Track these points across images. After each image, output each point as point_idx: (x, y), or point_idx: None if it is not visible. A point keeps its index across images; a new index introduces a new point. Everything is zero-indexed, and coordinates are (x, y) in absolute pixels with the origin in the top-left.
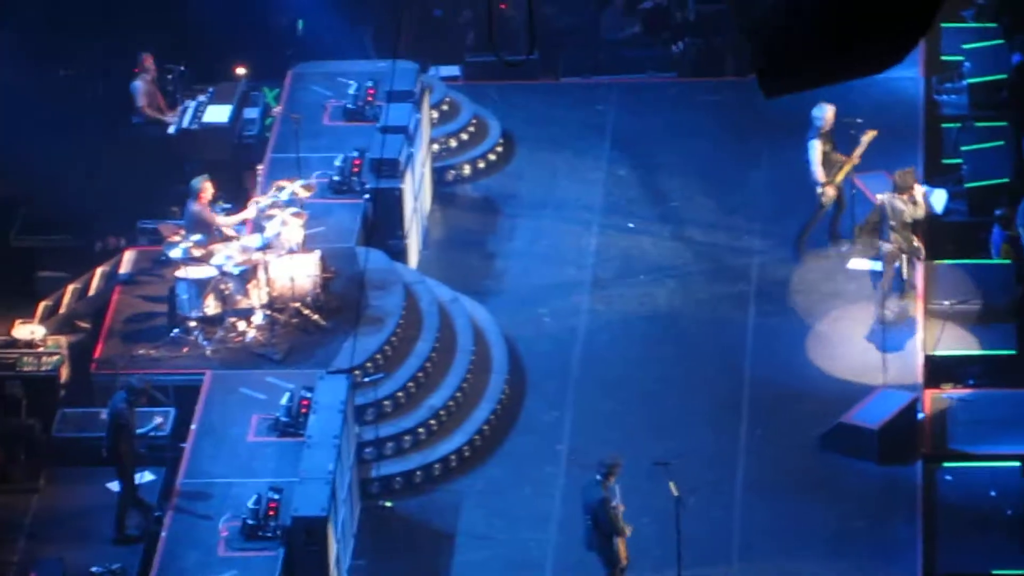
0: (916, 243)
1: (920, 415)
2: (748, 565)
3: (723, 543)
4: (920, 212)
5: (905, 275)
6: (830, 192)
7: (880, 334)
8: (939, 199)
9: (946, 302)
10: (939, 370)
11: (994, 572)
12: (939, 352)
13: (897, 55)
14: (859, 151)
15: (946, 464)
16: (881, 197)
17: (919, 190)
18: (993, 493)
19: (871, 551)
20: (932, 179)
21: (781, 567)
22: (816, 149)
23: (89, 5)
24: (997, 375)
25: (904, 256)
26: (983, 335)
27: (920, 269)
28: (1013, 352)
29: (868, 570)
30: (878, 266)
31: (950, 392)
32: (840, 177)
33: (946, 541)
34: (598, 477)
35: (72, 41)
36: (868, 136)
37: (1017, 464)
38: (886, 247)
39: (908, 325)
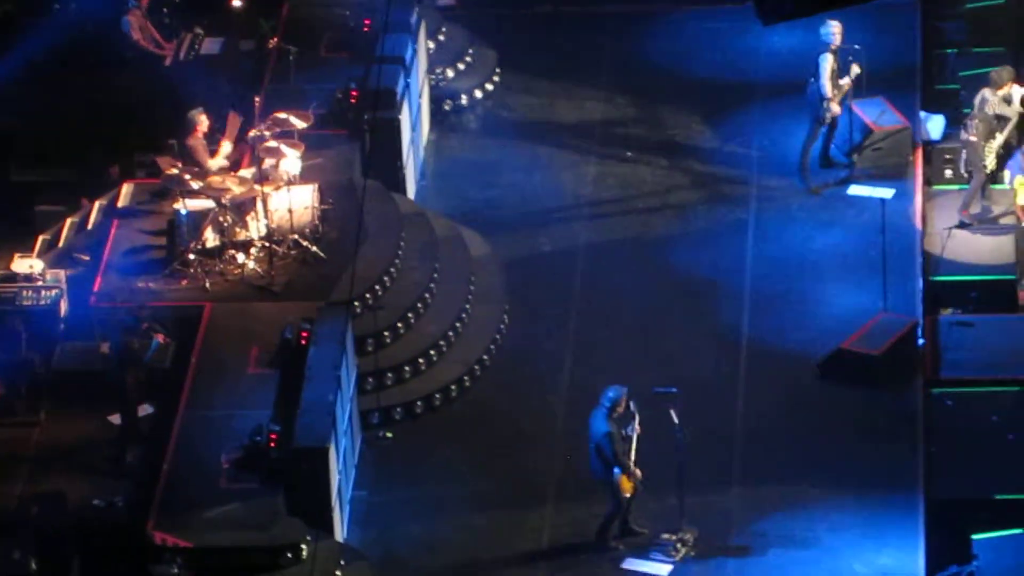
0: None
1: (920, 340)
2: (749, 491)
3: (724, 470)
4: (1010, 111)
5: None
6: (835, 108)
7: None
8: (936, 125)
9: (945, 227)
10: (939, 295)
11: (996, 497)
12: (939, 277)
13: None
14: (851, 80)
15: (947, 389)
16: (981, 91)
17: (1017, 90)
18: (994, 418)
19: (872, 477)
20: (929, 105)
21: (782, 493)
22: (827, 63)
23: None
24: (997, 300)
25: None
26: (983, 260)
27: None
28: (1013, 277)
29: (869, 496)
30: (877, 191)
31: (950, 317)
32: (840, 94)
33: (947, 467)
34: (602, 409)
35: None
36: (856, 67)
37: (1018, 388)
38: (963, 135)
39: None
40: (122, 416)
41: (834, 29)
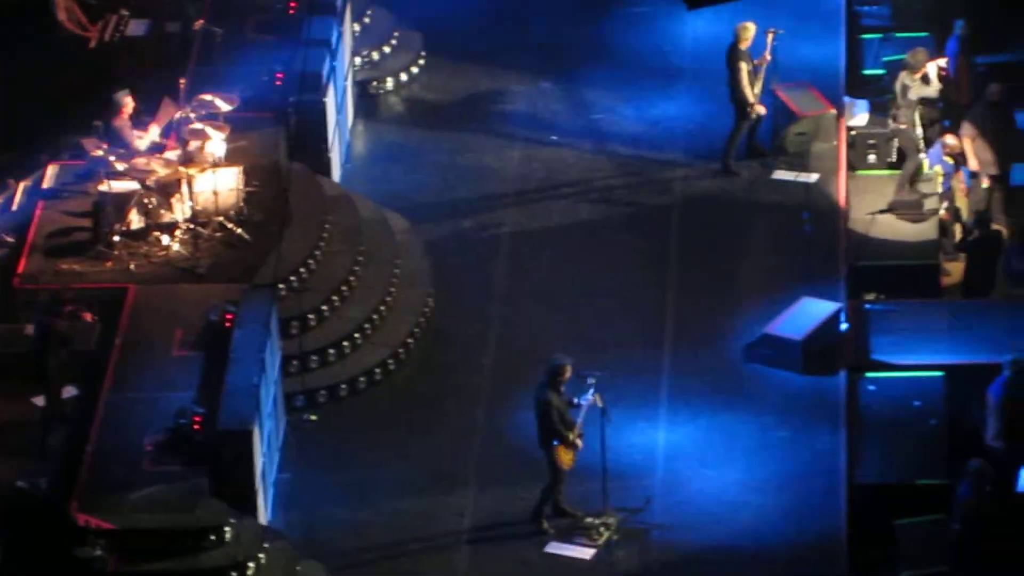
0: (951, 138)
1: (843, 325)
2: (672, 475)
3: (648, 455)
4: (931, 91)
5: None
6: (759, 109)
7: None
8: (861, 111)
9: (868, 212)
10: (862, 280)
11: (918, 482)
12: (862, 262)
13: None
14: (767, 53)
15: (869, 374)
16: (899, 76)
17: (932, 67)
18: (916, 403)
19: (795, 461)
20: (853, 91)
21: (705, 477)
22: (743, 69)
23: None
24: (919, 284)
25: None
26: (906, 245)
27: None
28: (935, 262)
29: (792, 480)
30: (801, 176)
31: (873, 302)
32: (759, 86)
33: (869, 451)
34: (544, 379)
35: None
36: (770, 35)
37: (940, 374)
38: (891, 124)
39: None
40: (46, 398)
41: (743, 33)
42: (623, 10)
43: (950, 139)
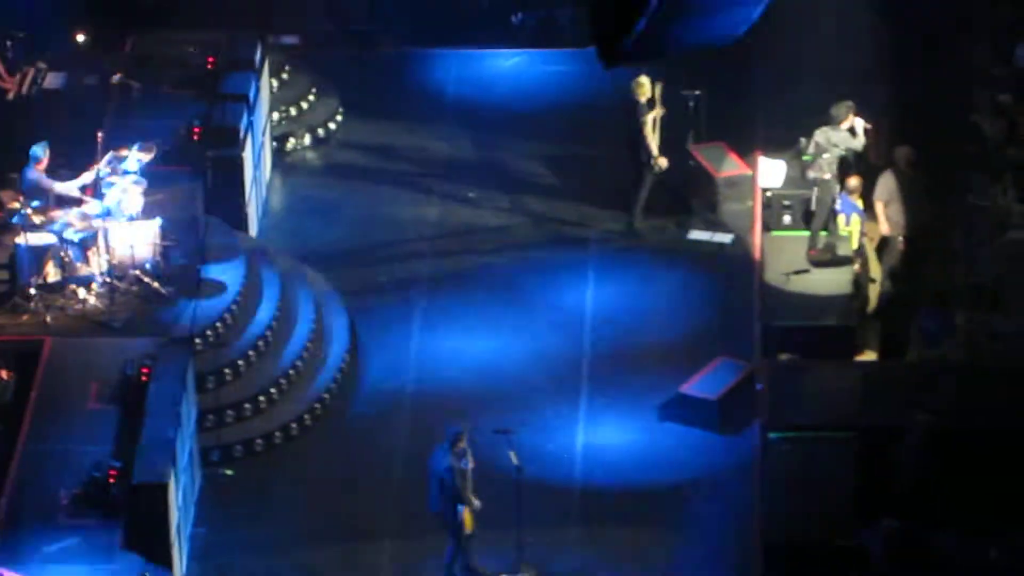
0: (853, 180)
1: (758, 385)
2: (586, 532)
3: (562, 512)
4: (857, 143)
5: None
6: (662, 162)
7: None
8: (776, 171)
9: (783, 272)
10: (777, 340)
11: (830, 542)
12: (777, 322)
13: (735, 31)
14: (658, 106)
15: (783, 434)
16: (819, 130)
17: (858, 122)
18: (828, 463)
19: (709, 520)
20: (769, 151)
21: (620, 536)
22: (648, 123)
23: None
24: (833, 345)
25: (835, 189)
26: (820, 305)
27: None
28: (849, 323)
29: (707, 539)
30: (717, 236)
31: (787, 362)
32: (658, 139)
33: (784, 511)
34: (445, 445)
35: None
36: (658, 87)
37: (852, 434)
38: (811, 175)
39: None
40: None
41: (639, 88)
42: (541, 68)
43: (853, 181)
